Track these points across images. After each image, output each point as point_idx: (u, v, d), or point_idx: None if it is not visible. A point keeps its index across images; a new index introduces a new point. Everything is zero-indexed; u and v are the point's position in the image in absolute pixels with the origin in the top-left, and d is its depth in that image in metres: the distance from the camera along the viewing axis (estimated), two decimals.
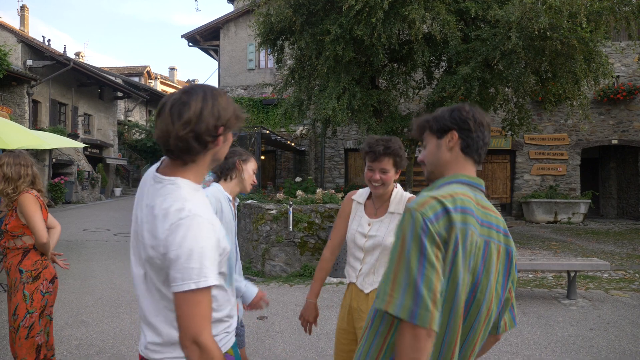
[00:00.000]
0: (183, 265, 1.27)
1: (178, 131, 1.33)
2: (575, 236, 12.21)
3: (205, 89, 1.40)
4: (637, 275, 7.50)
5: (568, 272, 6.15)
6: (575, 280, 6.12)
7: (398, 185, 2.41)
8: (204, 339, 1.27)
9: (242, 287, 2.59)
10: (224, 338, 1.54)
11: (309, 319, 2.53)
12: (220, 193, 2.58)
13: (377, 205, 2.38)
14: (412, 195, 2.37)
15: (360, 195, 2.46)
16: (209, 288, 1.29)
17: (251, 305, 2.57)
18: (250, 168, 2.76)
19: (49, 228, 3.15)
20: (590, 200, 15.42)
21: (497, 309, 1.46)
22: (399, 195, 2.36)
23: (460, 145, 1.50)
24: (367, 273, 2.31)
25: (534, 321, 5.19)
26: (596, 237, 11.96)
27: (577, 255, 9.14)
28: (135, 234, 1.46)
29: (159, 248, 1.33)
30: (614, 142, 16.20)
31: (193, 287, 1.26)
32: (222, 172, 2.74)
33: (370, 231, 2.33)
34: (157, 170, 1.45)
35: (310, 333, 2.55)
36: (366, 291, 2.30)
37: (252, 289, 2.58)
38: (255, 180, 2.85)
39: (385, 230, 2.29)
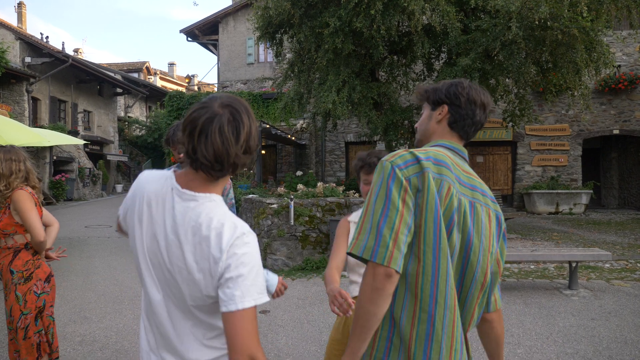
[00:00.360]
0: (246, 283, 1.27)
1: (237, 152, 1.31)
2: (576, 227, 12.20)
3: (241, 104, 1.36)
4: (638, 265, 7.49)
5: (569, 262, 6.15)
6: (576, 271, 6.12)
7: None
8: (260, 355, 1.27)
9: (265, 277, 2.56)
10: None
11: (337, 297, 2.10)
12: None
13: None
14: None
15: (357, 215, 2.45)
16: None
17: (275, 294, 2.47)
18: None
19: (46, 225, 3.09)
20: (591, 191, 15.39)
21: (491, 275, 1.48)
22: None
23: (449, 119, 1.56)
24: (352, 282, 2.31)
25: (536, 312, 5.19)
26: (598, 228, 11.95)
27: (579, 245, 9.14)
28: (155, 255, 1.37)
29: (215, 267, 1.28)
30: (616, 132, 16.14)
31: (253, 303, 1.26)
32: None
33: None
34: (181, 186, 1.37)
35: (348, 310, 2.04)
36: None
37: (273, 278, 2.50)
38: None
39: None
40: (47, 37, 22.11)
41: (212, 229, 1.29)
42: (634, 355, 3.99)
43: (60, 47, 20.66)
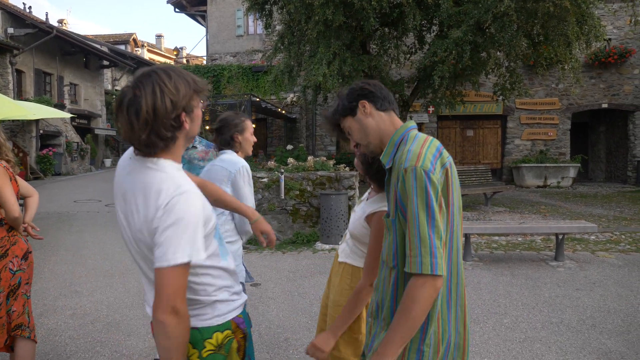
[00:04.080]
0: (174, 241, 1.32)
1: (140, 135, 1.36)
2: (564, 200, 12.36)
3: (153, 78, 1.39)
4: (623, 237, 7.64)
5: (556, 234, 6.25)
6: (563, 243, 6.22)
7: None
8: (183, 307, 1.35)
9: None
10: (231, 303, 1.56)
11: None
12: (238, 159, 2.68)
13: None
14: None
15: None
16: (187, 264, 1.34)
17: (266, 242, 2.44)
18: (247, 134, 2.77)
19: (25, 197, 2.94)
20: (579, 165, 15.56)
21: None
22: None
23: (375, 106, 1.61)
24: (345, 245, 2.31)
25: (522, 282, 5.29)
26: (584, 201, 12.12)
27: (566, 218, 9.28)
28: (120, 220, 1.49)
29: (151, 225, 1.35)
30: (604, 105, 16.22)
31: (181, 261, 1.31)
32: (223, 147, 2.73)
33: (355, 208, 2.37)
34: (136, 153, 1.46)
35: None
36: (339, 258, 2.30)
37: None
38: (255, 139, 2.87)
39: (354, 218, 2.25)
40: (29, 8, 21.50)
41: (152, 189, 1.38)
42: (617, 323, 4.10)
43: (44, 18, 20.13)
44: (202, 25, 22.59)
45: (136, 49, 34.16)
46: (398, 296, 1.48)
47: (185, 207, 1.35)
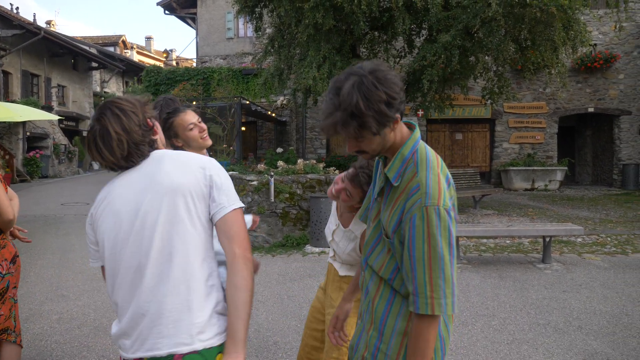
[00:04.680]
0: (232, 189, 1.51)
1: (122, 153, 1.47)
2: (551, 203, 12.49)
3: (108, 106, 1.51)
4: (609, 239, 7.73)
5: (543, 237, 6.31)
6: (550, 245, 6.29)
7: None
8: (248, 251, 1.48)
9: None
10: (226, 318, 1.44)
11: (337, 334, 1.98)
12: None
13: (342, 208, 2.43)
14: None
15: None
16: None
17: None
18: (184, 132, 2.29)
19: None
20: (566, 168, 15.73)
21: None
22: None
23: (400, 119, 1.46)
24: (341, 261, 2.29)
25: (510, 285, 5.34)
26: (571, 203, 12.25)
27: (553, 221, 9.37)
28: (132, 225, 1.43)
29: (199, 186, 1.45)
30: (591, 110, 16.43)
31: (239, 205, 1.49)
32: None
33: (335, 234, 2.35)
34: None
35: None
36: (340, 273, 2.28)
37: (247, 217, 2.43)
38: (204, 126, 2.35)
39: (343, 247, 2.27)
40: (17, 8, 21.30)
41: (179, 162, 1.56)
42: (602, 325, 4.15)
43: (31, 19, 19.95)
44: (192, 27, 22.52)
45: (125, 50, 33.95)
46: (391, 310, 1.47)
47: (220, 167, 1.53)
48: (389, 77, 1.37)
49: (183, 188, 1.42)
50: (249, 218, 2.23)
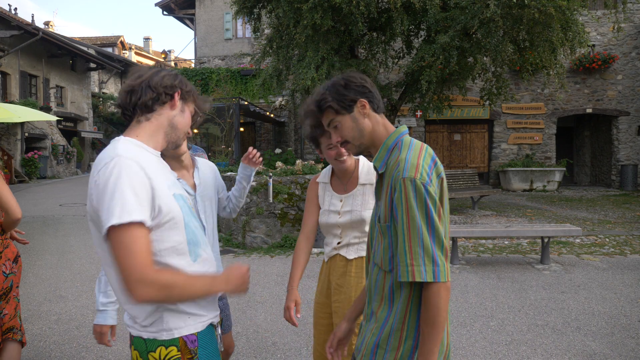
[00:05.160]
0: (107, 204, 1.28)
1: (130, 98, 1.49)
2: (549, 203, 12.51)
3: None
4: (607, 240, 7.75)
5: (542, 238, 6.32)
6: (548, 246, 6.30)
7: (360, 156, 2.35)
8: (152, 275, 1.29)
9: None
10: (185, 319, 1.48)
11: (289, 306, 2.26)
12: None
13: (345, 180, 2.33)
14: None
15: (324, 175, 2.41)
16: (138, 223, 1.28)
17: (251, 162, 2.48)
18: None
19: None
20: (564, 169, 15.76)
21: None
22: (367, 165, 2.32)
23: (372, 107, 1.58)
24: (349, 243, 2.26)
25: (509, 286, 5.34)
26: (569, 204, 12.27)
27: (551, 221, 9.38)
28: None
29: (92, 198, 1.34)
30: (589, 110, 16.46)
31: (115, 222, 1.25)
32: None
33: (343, 207, 2.28)
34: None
35: (294, 323, 2.25)
36: (349, 257, 2.26)
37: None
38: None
39: (360, 203, 2.24)
40: (15, 9, 21.27)
41: (95, 162, 1.42)
42: (601, 325, 4.16)
43: (29, 20, 19.92)
44: (191, 28, 22.52)
45: (124, 51, 33.93)
46: (393, 299, 1.49)
47: (115, 169, 1.31)
48: (355, 74, 1.61)
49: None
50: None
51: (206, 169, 2.46)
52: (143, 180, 1.34)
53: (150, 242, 1.33)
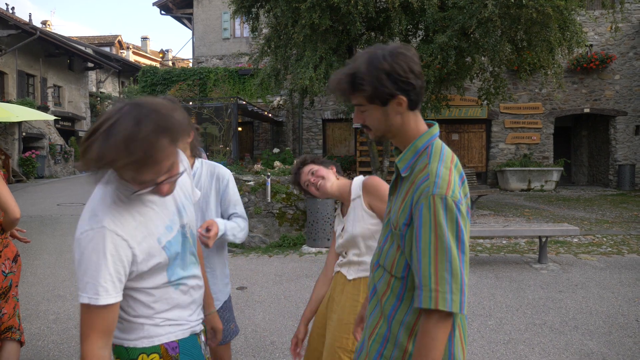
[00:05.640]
0: (80, 278, 1.32)
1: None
2: (547, 203, 12.53)
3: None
4: (604, 239, 7.77)
5: (540, 237, 6.33)
6: (546, 246, 6.31)
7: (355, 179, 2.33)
8: (85, 346, 1.32)
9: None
10: (165, 328, 1.51)
11: (292, 340, 2.30)
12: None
13: (344, 205, 2.32)
14: (363, 177, 2.25)
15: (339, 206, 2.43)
16: (99, 306, 1.30)
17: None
18: None
19: None
20: (562, 168, 15.78)
21: None
22: (356, 182, 2.26)
23: (409, 106, 1.40)
24: (350, 262, 2.24)
25: (507, 285, 5.35)
26: (567, 204, 12.30)
27: (549, 221, 9.40)
28: None
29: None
30: (586, 110, 16.49)
31: (85, 301, 1.31)
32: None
33: (344, 229, 2.27)
34: None
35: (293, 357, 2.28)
36: (349, 277, 2.23)
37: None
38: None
39: (352, 220, 2.21)
40: (12, 8, 21.20)
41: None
42: (598, 325, 4.17)
43: (27, 19, 19.88)
44: (188, 27, 22.50)
45: (121, 51, 33.87)
46: (401, 306, 1.40)
47: (87, 245, 1.32)
48: (403, 56, 1.36)
49: None
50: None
51: (205, 177, 2.35)
52: (121, 254, 1.34)
53: (112, 319, 1.37)
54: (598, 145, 17.54)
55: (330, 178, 2.26)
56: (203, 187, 2.33)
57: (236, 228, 2.30)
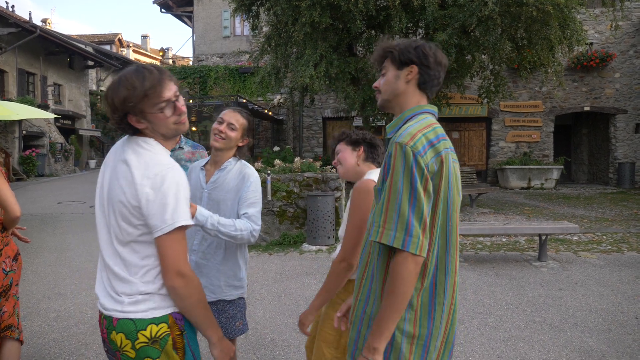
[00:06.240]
0: (170, 206, 1.45)
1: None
2: (547, 201, 12.54)
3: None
4: (604, 237, 7.77)
5: (540, 235, 6.34)
6: (546, 243, 6.32)
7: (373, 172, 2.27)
8: (187, 269, 1.49)
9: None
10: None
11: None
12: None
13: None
14: (369, 178, 2.16)
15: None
16: (184, 227, 1.48)
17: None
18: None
19: None
20: (562, 167, 15.79)
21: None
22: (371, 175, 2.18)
23: (418, 80, 1.56)
24: None
25: (507, 283, 5.36)
26: (567, 202, 12.30)
27: (549, 219, 9.41)
28: (102, 198, 1.60)
29: (140, 196, 1.46)
30: (587, 108, 16.49)
31: (182, 223, 1.46)
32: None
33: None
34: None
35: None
36: None
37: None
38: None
39: (344, 219, 2.20)
40: (12, 7, 21.16)
41: (142, 162, 1.55)
42: (598, 322, 4.18)
43: (27, 17, 19.85)
44: (189, 26, 22.50)
45: (121, 49, 33.85)
46: (377, 264, 1.50)
47: (173, 178, 1.48)
48: (434, 46, 1.58)
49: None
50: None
51: (233, 176, 2.39)
52: (186, 187, 1.54)
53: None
54: (598, 143, 17.54)
55: (346, 163, 2.26)
56: (227, 181, 2.39)
57: (229, 226, 2.22)
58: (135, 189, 1.47)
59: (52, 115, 6.14)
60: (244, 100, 13.61)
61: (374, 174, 2.13)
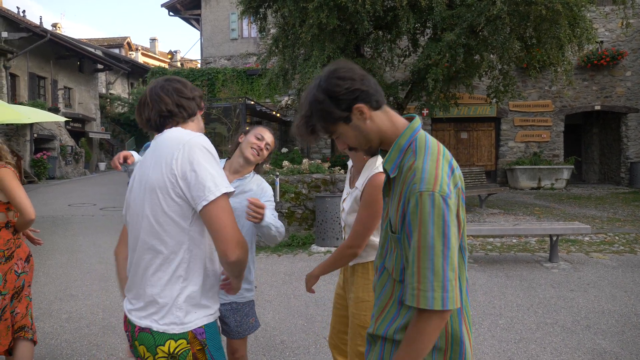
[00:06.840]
0: (212, 174, 1.44)
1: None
2: (557, 201, 12.43)
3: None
4: (617, 238, 7.69)
5: (550, 236, 6.28)
6: (557, 244, 6.26)
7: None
8: (243, 238, 1.46)
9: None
10: (193, 314, 1.51)
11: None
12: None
13: (355, 170, 2.28)
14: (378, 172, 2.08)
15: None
16: (227, 194, 1.45)
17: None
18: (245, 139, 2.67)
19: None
20: (573, 166, 15.64)
21: None
22: (368, 172, 2.14)
23: (372, 107, 1.38)
24: None
25: (517, 284, 5.32)
26: (578, 202, 12.19)
27: (560, 219, 9.33)
28: (141, 193, 1.56)
29: (177, 169, 1.45)
30: (597, 107, 16.33)
31: (217, 194, 1.42)
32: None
33: (345, 202, 2.29)
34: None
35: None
36: (350, 264, 2.28)
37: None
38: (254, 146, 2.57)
39: (349, 206, 2.21)
40: (24, 12, 21.42)
41: (175, 138, 1.58)
42: (611, 324, 4.13)
43: (37, 22, 20.07)
44: (197, 28, 22.60)
45: (130, 52, 34.10)
46: (402, 309, 1.39)
47: (209, 146, 1.50)
48: (335, 73, 1.40)
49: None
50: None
51: (252, 187, 2.53)
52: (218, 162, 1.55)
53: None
54: (609, 142, 17.36)
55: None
56: (246, 190, 2.52)
57: (280, 226, 2.37)
58: (170, 164, 1.46)
59: (63, 119, 6.19)
60: (252, 102, 13.64)
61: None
